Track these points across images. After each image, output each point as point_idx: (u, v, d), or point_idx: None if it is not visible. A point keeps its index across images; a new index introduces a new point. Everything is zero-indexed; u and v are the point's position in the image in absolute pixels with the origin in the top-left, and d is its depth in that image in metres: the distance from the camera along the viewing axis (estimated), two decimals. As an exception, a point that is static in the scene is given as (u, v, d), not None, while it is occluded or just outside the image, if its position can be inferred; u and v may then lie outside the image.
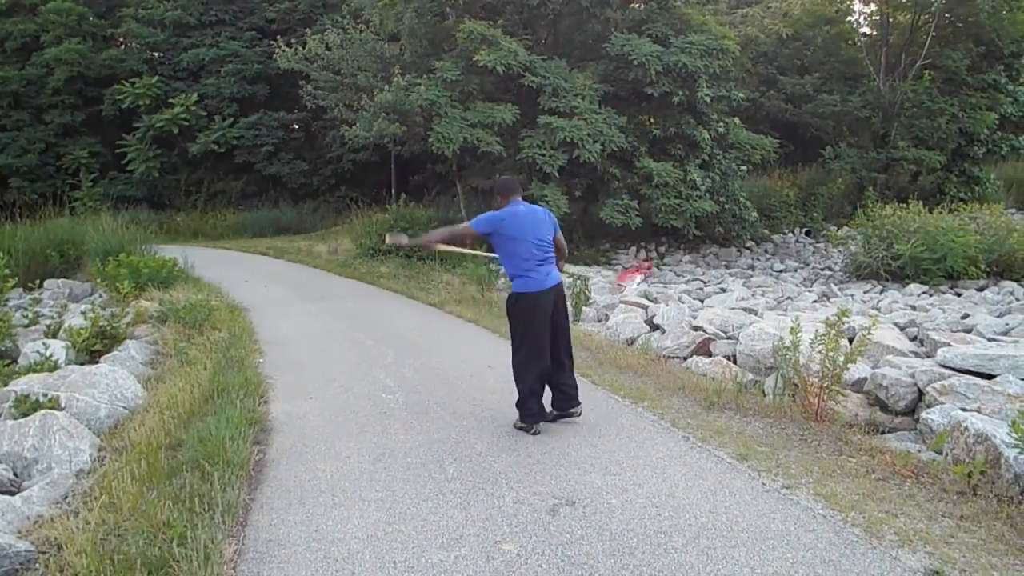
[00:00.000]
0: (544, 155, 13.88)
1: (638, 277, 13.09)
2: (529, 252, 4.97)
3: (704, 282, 13.95)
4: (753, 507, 3.82)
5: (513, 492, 4.07)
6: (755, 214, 16.82)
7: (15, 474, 4.51)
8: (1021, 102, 21.97)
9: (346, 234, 19.47)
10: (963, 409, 5.05)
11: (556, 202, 13.92)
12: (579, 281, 10.41)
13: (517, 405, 5.11)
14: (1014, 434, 3.82)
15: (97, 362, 6.99)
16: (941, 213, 14.73)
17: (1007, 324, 8.66)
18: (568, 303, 10.33)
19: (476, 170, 16.49)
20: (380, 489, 4.17)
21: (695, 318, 8.41)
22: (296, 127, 26.95)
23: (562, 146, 13.88)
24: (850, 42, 22.43)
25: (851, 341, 6.53)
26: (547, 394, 5.20)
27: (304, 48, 18.41)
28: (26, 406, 5.19)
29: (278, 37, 20.25)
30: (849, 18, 22.92)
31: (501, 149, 14.14)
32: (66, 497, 4.16)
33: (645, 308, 9.51)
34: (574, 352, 7.43)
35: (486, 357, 7.27)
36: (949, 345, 6.62)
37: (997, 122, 20.71)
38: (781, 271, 15.70)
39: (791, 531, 3.55)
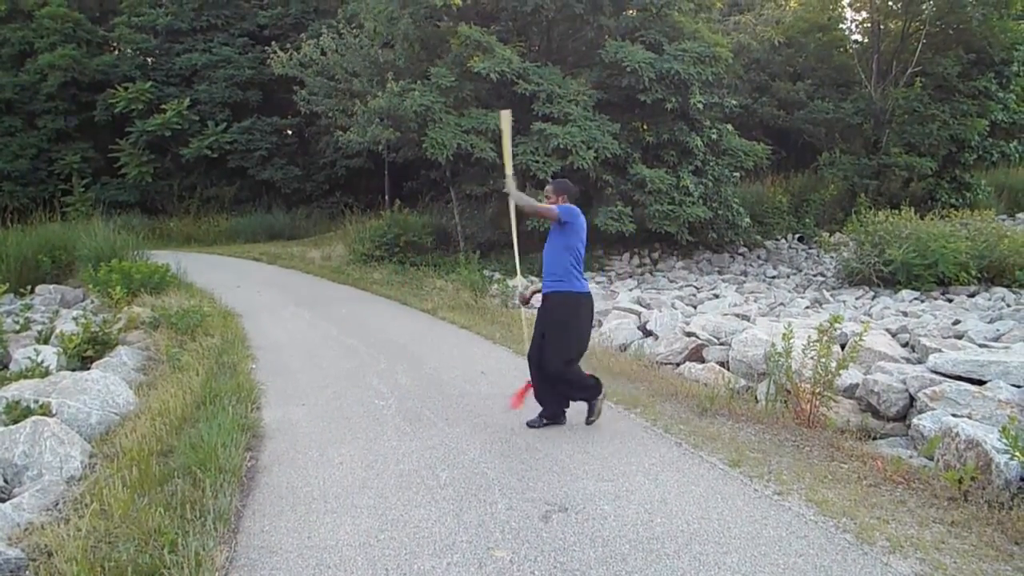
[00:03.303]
0: (537, 162, 13.90)
1: None
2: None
3: (697, 288, 13.98)
4: (745, 513, 3.82)
5: (506, 498, 4.06)
6: (748, 220, 16.86)
7: (5, 481, 4.48)
8: (1011, 109, 22.15)
9: (339, 240, 19.46)
10: (954, 415, 5.08)
11: (549, 208, 13.91)
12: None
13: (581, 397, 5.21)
14: (1004, 440, 3.84)
15: (89, 368, 6.96)
16: (933, 219, 14.80)
17: (998, 330, 8.71)
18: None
19: (470, 176, 16.49)
20: (372, 496, 4.16)
21: (688, 324, 8.43)
22: (289, 132, 26.96)
23: (555, 152, 13.90)
24: (842, 49, 22.57)
25: (843, 347, 6.56)
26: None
27: (299, 53, 18.41)
28: (17, 412, 5.16)
29: (273, 43, 20.26)
30: (841, 25, 23.06)
31: (495, 155, 14.16)
32: (57, 504, 4.13)
33: (638, 314, 9.53)
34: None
35: (479, 363, 7.28)
36: (940, 351, 6.66)
37: (988, 129, 20.86)
38: (774, 277, 15.75)
39: (783, 537, 3.55)
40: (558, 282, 5.02)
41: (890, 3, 20.99)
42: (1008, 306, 11.12)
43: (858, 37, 23.53)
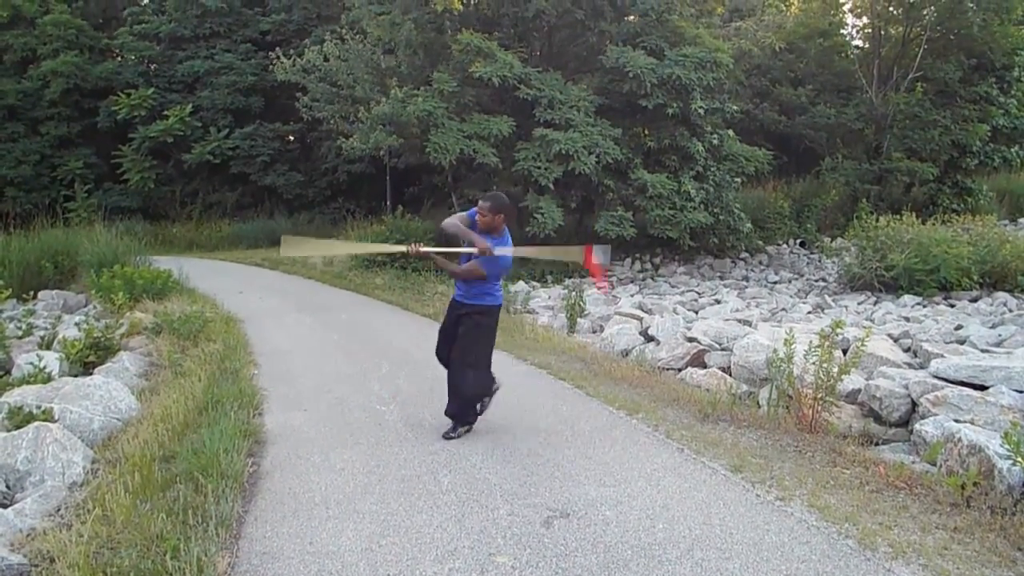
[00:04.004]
0: (539, 167, 13.93)
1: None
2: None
3: (699, 293, 13.97)
4: (747, 519, 3.82)
5: (507, 504, 4.06)
6: (749, 225, 16.86)
7: (8, 486, 4.49)
8: (1013, 114, 22.14)
9: (341, 245, 19.44)
10: (956, 420, 5.08)
11: (551, 214, 13.97)
12: (574, 293, 10.43)
13: (467, 410, 5.25)
14: (1007, 445, 3.84)
15: (91, 374, 6.97)
16: (934, 224, 14.79)
17: (1000, 335, 8.70)
18: (563, 314, 10.37)
19: (471, 182, 16.52)
20: (374, 501, 4.16)
21: (689, 329, 8.43)
22: (291, 138, 26.97)
23: (557, 158, 13.93)
24: (843, 54, 22.57)
25: (845, 352, 6.56)
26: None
27: (302, 59, 18.45)
28: (19, 418, 5.17)
29: (277, 49, 20.32)
30: (842, 31, 23.06)
31: (497, 161, 14.19)
32: (59, 510, 4.13)
33: (640, 319, 9.53)
34: (569, 363, 7.49)
35: (481, 368, 7.26)
36: (942, 356, 6.65)
37: (989, 134, 20.85)
38: (775, 282, 15.74)
39: (785, 543, 3.55)
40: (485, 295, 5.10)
41: (891, 8, 21.00)
42: (1010, 311, 11.11)
43: (859, 42, 23.52)
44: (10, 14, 25.69)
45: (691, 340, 7.91)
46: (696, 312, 11.36)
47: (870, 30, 21.93)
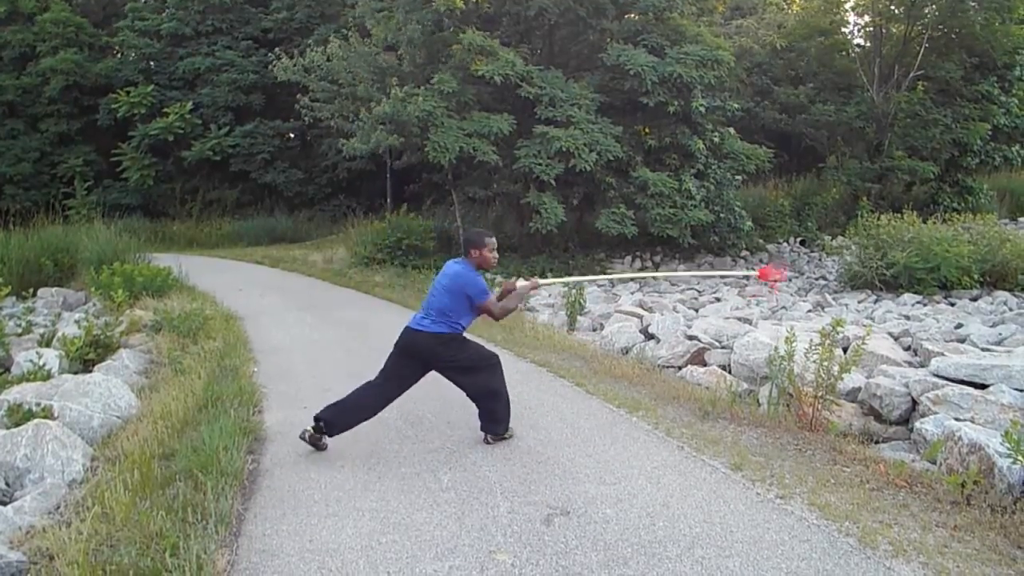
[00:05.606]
0: (540, 164, 13.92)
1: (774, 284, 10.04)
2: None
3: (699, 291, 13.96)
4: (747, 517, 3.82)
5: (507, 502, 4.06)
6: (750, 223, 16.86)
7: (7, 484, 4.48)
8: (1014, 113, 22.12)
9: (341, 243, 19.47)
10: (956, 419, 5.07)
11: (553, 211, 13.96)
12: (574, 290, 10.42)
13: None
14: (1007, 444, 3.83)
15: (90, 371, 6.96)
16: (935, 223, 14.77)
17: (1000, 334, 8.69)
18: (563, 312, 10.34)
19: (472, 180, 16.52)
20: (374, 499, 4.16)
21: (690, 327, 8.43)
22: (292, 136, 26.98)
23: (558, 155, 13.92)
24: (844, 53, 22.54)
25: (845, 351, 6.55)
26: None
27: (303, 59, 18.42)
28: (19, 415, 5.17)
29: (278, 48, 20.29)
30: (843, 29, 23.04)
31: (497, 159, 14.18)
32: (58, 507, 4.13)
33: (640, 317, 9.53)
34: (569, 361, 7.47)
35: (481, 366, 7.26)
36: (942, 355, 6.64)
37: (990, 133, 20.84)
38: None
39: (785, 541, 3.55)
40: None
41: (892, 7, 20.97)
42: (1010, 310, 11.10)
43: (860, 41, 23.51)
44: (7, 10, 25.66)
45: (691, 338, 7.91)
46: (696, 310, 11.35)
47: (871, 28, 21.91)
